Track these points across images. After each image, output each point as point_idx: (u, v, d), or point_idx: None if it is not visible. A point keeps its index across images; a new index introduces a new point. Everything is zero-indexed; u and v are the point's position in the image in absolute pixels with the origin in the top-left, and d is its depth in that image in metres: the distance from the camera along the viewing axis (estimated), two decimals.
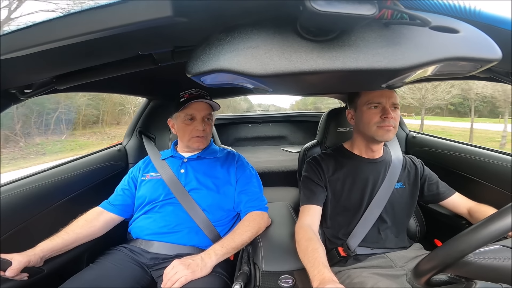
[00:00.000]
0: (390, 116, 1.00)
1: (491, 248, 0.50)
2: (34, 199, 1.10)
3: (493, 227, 0.48)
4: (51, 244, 0.96)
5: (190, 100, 1.19)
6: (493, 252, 0.49)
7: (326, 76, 0.56)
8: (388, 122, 1.01)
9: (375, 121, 1.03)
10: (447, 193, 1.12)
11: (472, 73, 0.61)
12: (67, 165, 1.36)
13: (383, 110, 1.02)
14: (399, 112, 1.05)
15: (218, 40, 0.52)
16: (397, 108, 1.04)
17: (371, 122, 1.04)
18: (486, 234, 0.48)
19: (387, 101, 1.01)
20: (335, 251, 1.09)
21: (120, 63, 0.73)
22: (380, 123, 1.02)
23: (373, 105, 1.03)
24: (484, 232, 0.48)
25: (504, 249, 0.50)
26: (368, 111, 1.04)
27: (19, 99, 0.82)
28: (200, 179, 1.21)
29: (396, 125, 1.03)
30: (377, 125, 1.03)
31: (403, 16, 0.47)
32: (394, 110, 1.03)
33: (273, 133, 3.72)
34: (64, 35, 0.47)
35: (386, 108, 1.01)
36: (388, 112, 1.00)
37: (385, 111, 1.01)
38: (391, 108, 1.02)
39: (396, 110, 1.03)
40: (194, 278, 0.91)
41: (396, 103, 1.03)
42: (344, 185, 1.11)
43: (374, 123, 1.03)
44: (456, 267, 0.51)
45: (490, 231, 0.48)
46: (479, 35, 0.50)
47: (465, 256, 0.49)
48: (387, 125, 1.01)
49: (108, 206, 1.19)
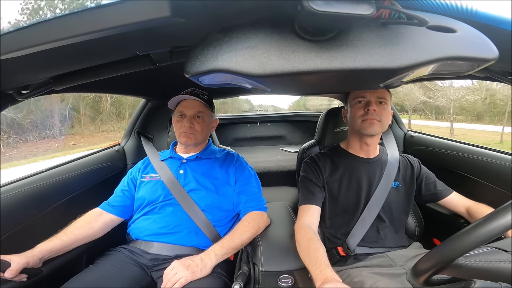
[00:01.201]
0: (372, 108, 1.02)
1: (483, 251, 0.50)
2: (32, 200, 1.09)
3: (486, 229, 0.48)
4: (50, 245, 0.96)
5: (180, 98, 1.23)
6: (484, 255, 0.49)
7: (324, 76, 0.56)
8: (371, 115, 1.02)
9: (359, 114, 1.05)
10: (445, 192, 1.13)
11: (469, 73, 0.61)
12: (65, 166, 1.36)
13: (367, 103, 1.04)
14: (387, 107, 1.06)
15: (216, 40, 0.52)
16: (384, 103, 1.05)
17: (356, 116, 1.06)
18: (479, 236, 0.48)
19: (371, 95, 1.03)
20: (334, 250, 1.09)
21: (118, 63, 0.73)
22: (364, 116, 1.04)
23: (358, 99, 1.06)
24: (477, 233, 0.48)
25: (497, 251, 0.50)
26: (355, 106, 1.07)
27: (16, 100, 0.81)
28: (199, 180, 1.21)
29: (382, 119, 1.04)
30: (361, 119, 1.05)
31: (400, 16, 0.47)
32: (380, 104, 1.04)
33: (272, 133, 3.71)
34: (62, 35, 0.47)
35: (370, 101, 1.03)
36: (370, 105, 1.02)
37: (368, 104, 1.03)
38: (375, 102, 1.03)
39: (382, 105, 1.05)
40: (194, 279, 0.91)
41: (381, 97, 1.04)
42: (341, 186, 1.12)
43: (359, 117, 1.05)
44: (449, 269, 0.51)
45: (483, 232, 0.48)
46: (476, 35, 0.50)
47: (456, 259, 0.50)
48: (370, 118, 1.03)
49: (107, 207, 1.18)
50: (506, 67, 0.82)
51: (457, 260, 0.50)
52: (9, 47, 0.51)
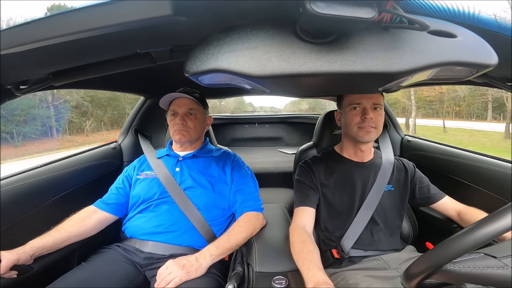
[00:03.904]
0: (369, 116, 1.02)
1: (472, 257, 0.51)
2: (26, 196, 1.08)
3: (473, 236, 0.48)
4: (42, 242, 0.95)
5: (172, 96, 1.24)
6: (473, 261, 0.49)
7: (324, 79, 0.56)
8: (367, 123, 1.02)
9: (355, 122, 1.05)
10: (438, 196, 1.14)
11: (468, 78, 0.61)
12: (60, 162, 1.35)
13: (363, 111, 1.03)
14: (382, 112, 1.06)
15: (217, 40, 0.52)
16: (378, 108, 1.05)
17: (352, 123, 1.06)
18: (467, 243, 0.48)
19: (367, 102, 1.03)
20: (329, 253, 1.09)
21: (118, 60, 0.73)
22: (360, 124, 1.04)
23: (353, 105, 1.05)
24: (464, 241, 0.49)
25: (485, 257, 0.50)
26: (350, 112, 1.06)
27: (14, 95, 0.81)
28: (195, 178, 1.21)
29: (377, 125, 1.04)
30: (357, 126, 1.05)
31: (402, 20, 0.47)
32: (375, 110, 1.04)
33: (270, 134, 3.71)
34: (63, 32, 0.47)
35: (366, 108, 1.03)
36: (368, 113, 1.02)
37: (365, 112, 1.03)
38: (371, 109, 1.03)
39: (377, 111, 1.05)
40: (188, 279, 0.90)
41: (377, 103, 1.04)
42: (335, 190, 1.12)
43: (355, 124, 1.05)
44: (438, 275, 0.52)
45: (470, 240, 0.48)
46: (477, 40, 0.50)
47: (444, 265, 0.50)
48: (367, 126, 1.03)
49: (102, 205, 1.18)
50: (505, 73, 0.82)
51: (445, 266, 0.50)
52: (9, 43, 0.50)
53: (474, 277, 0.48)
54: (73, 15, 0.46)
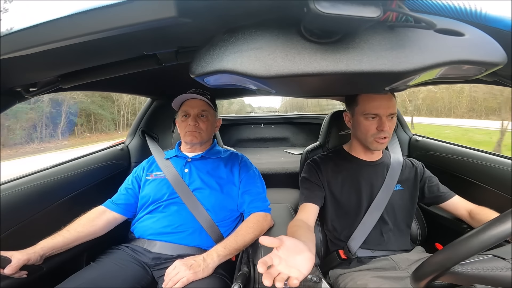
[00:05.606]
0: (386, 128, 1.01)
1: (480, 258, 0.50)
2: (36, 197, 1.10)
3: (480, 239, 0.47)
4: (52, 242, 0.97)
5: (184, 97, 1.24)
6: (481, 263, 0.49)
7: (329, 79, 0.56)
8: (384, 134, 1.02)
9: (371, 133, 1.04)
10: (448, 195, 1.12)
11: (476, 77, 0.60)
12: (69, 163, 1.37)
13: (379, 121, 1.02)
14: (395, 120, 1.06)
15: (222, 41, 0.52)
16: (393, 116, 1.04)
17: (368, 133, 1.04)
18: (474, 245, 0.48)
19: (384, 113, 1.01)
20: (335, 253, 1.08)
21: (124, 62, 0.73)
22: (376, 135, 1.03)
23: (370, 116, 1.03)
24: (472, 243, 0.48)
25: (494, 259, 0.49)
26: (365, 122, 1.04)
27: (24, 97, 0.83)
28: (204, 179, 1.21)
29: (391, 133, 1.04)
30: (373, 137, 1.03)
31: (408, 19, 0.47)
32: (391, 119, 1.03)
33: (276, 135, 3.71)
34: (70, 34, 0.48)
35: (383, 120, 1.01)
36: (385, 126, 1.01)
37: (381, 124, 1.01)
38: (387, 119, 1.02)
39: (392, 119, 1.04)
40: (196, 279, 0.91)
41: (393, 113, 1.03)
42: (343, 188, 1.12)
43: (371, 135, 1.04)
44: (446, 276, 0.51)
45: (477, 242, 0.48)
46: (485, 38, 0.49)
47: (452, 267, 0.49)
48: (382, 137, 1.02)
49: (111, 205, 1.19)
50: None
51: (453, 268, 0.49)
52: (17, 46, 0.51)
53: (483, 278, 0.48)
54: (80, 17, 0.47)
